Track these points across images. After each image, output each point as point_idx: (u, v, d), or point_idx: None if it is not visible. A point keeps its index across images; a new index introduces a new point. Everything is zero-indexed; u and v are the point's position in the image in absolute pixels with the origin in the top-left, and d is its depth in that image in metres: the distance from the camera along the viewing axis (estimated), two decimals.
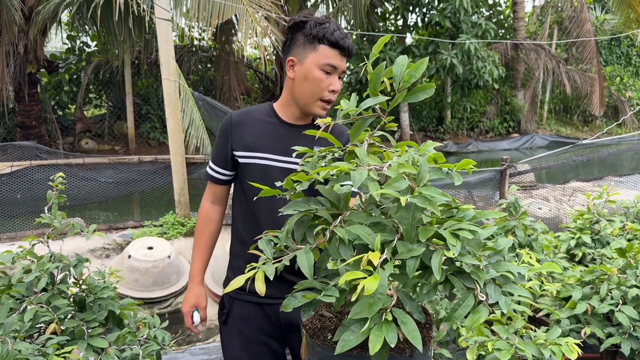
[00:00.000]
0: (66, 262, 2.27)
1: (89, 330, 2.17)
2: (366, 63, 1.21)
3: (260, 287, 1.06)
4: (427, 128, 15.35)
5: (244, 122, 1.89)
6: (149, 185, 5.20)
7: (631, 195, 4.92)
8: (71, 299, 2.25)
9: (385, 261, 0.99)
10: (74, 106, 12.14)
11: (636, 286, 2.45)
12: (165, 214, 5.03)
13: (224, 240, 4.78)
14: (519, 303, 2.05)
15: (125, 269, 3.85)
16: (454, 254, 1.00)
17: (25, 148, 5.01)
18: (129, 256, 3.88)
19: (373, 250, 1.01)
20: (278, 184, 1.27)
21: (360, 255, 1.01)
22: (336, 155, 1.26)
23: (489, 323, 2.12)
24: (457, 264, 1.06)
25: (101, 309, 2.29)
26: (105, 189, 5.14)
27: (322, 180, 1.16)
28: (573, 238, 3.44)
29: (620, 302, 2.42)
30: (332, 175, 1.14)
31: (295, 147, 1.32)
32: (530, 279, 2.58)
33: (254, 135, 1.86)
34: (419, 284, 1.11)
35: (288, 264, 1.14)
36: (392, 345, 0.97)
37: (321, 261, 1.19)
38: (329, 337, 1.17)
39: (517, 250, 3.10)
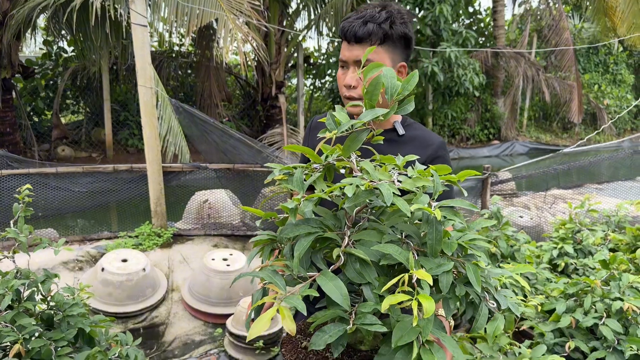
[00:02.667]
0: (33, 278, 2.18)
1: (57, 350, 2.08)
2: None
3: (291, 326, 0.93)
4: None
5: (320, 127, 1.77)
6: (124, 194, 5.07)
7: (611, 203, 4.93)
8: (38, 317, 2.15)
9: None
10: (51, 112, 11.91)
11: (620, 299, 2.42)
12: (141, 224, 4.90)
13: (202, 252, 4.68)
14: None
15: (99, 283, 3.72)
16: (485, 265, 1.03)
17: None
18: (102, 269, 3.75)
19: (404, 270, 0.98)
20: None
21: (401, 276, 0.95)
22: (317, 172, 1.17)
23: (473, 340, 2.06)
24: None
25: (70, 327, 2.20)
26: (80, 199, 4.99)
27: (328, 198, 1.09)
28: (555, 248, 3.41)
29: (605, 315, 2.38)
30: (338, 195, 1.07)
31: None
32: (516, 294, 2.53)
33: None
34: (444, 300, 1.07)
35: (316, 294, 1.02)
36: None
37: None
38: None
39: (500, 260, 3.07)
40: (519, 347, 1.99)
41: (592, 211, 3.61)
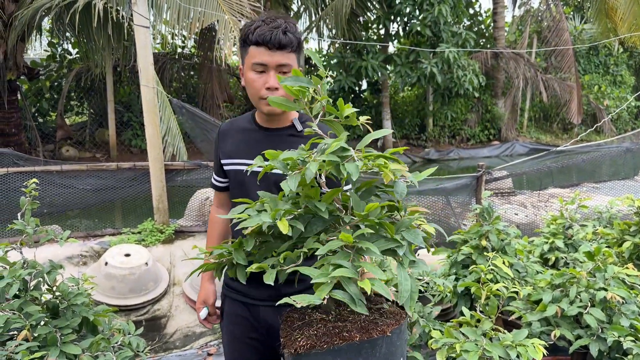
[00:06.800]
0: (39, 269, 2.26)
1: (62, 337, 2.16)
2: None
3: None
4: (409, 136, 15.46)
5: (228, 131, 1.99)
6: (127, 192, 5.18)
7: (606, 201, 5.00)
8: (44, 306, 2.24)
9: None
10: (55, 113, 12.05)
11: (604, 289, 2.50)
12: (144, 220, 5.01)
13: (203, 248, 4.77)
14: None
15: (102, 276, 3.82)
16: None
17: (3, 155, 4.97)
18: (106, 263, 3.85)
19: None
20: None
21: None
22: None
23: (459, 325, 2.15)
24: None
25: (75, 316, 2.28)
26: (84, 197, 5.10)
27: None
28: (546, 243, 3.50)
29: (589, 304, 2.47)
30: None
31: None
32: (498, 282, 2.62)
33: (234, 143, 1.93)
34: None
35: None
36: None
37: None
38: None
39: (491, 253, 3.15)
40: (504, 333, 2.07)
41: (582, 207, 3.69)
